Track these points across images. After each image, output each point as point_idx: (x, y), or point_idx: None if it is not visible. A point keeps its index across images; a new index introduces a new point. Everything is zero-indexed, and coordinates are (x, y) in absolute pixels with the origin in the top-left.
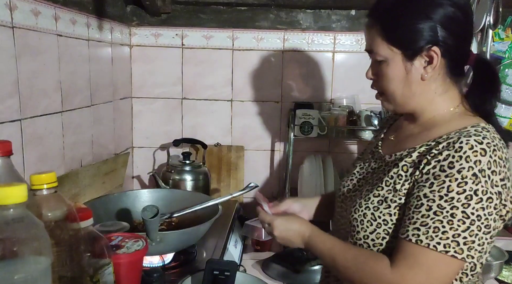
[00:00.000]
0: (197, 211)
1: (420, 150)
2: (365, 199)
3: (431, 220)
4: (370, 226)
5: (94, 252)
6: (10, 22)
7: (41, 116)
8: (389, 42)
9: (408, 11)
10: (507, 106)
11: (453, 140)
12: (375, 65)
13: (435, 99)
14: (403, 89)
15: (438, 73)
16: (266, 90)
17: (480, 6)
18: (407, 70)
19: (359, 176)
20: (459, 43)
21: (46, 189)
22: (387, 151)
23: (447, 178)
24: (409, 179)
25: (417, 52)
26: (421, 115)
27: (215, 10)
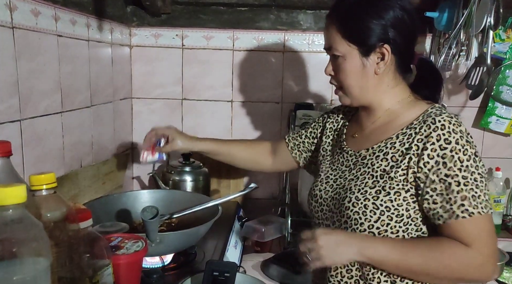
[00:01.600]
0: (197, 212)
1: (400, 139)
2: (360, 192)
3: (466, 191)
4: (374, 215)
5: (94, 253)
6: (10, 23)
7: (41, 116)
8: (347, 39)
9: (364, 12)
10: (507, 108)
11: (430, 122)
12: (333, 61)
13: (388, 92)
14: (359, 83)
15: (389, 68)
16: (266, 91)
17: (481, 7)
18: (363, 64)
19: (334, 177)
20: (407, 42)
21: (45, 189)
22: (358, 147)
23: (453, 152)
24: (401, 166)
25: (372, 49)
26: (378, 108)
27: (215, 10)
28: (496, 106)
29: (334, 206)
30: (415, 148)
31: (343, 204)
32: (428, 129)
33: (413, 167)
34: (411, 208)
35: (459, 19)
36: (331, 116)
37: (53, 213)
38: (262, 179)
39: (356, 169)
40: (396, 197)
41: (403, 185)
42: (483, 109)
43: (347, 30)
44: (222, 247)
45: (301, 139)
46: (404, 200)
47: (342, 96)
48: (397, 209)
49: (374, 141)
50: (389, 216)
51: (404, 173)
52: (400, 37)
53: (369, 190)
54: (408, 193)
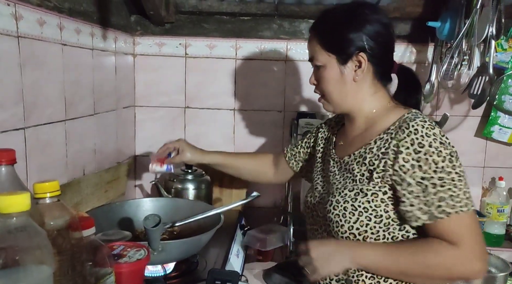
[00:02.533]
0: (199, 220)
1: (377, 144)
2: (340, 195)
3: (442, 192)
4: (353, 216)
5: (96, 261)
6: (15, 32)
7: (45, 124)
8: (326, 49)
9: (341, 24)
10: (510, 117)
11: (404, 126)
12: (316, 71)
13: (367, 99)
14: (339, 90)
15: (367, 76)
16: (268, 100)
17: (482, 17)
18: (341, 72)
19: (322, 184)
20: (383, 51)
21: (49, 197)
22: (342, 154)
23: (427, 155)
24: (377, 169)
25: (349, 57)
26: (358, 115)
27: (218, 20)
28: (499, 115)
29: (320, 211)
30: (391, 152)
31: (325, 208)
32: (402, 134)
33: (389, 170)
34: (390, 209)
35: (461, 29)
36: (323, 126)
37: (57, 221)
38: (265, 187)
39: (339, 175)
40: (373, 198)
41: (380, 187)
42: (486, 119)
43: (326, 41)
44: (224, 256)
45: (297, 150)
46: (382, 201)
47: (324, 104)
48: (375, 209)
49: (356, 147)
50: (368, 216)
51: (379, 176)
52: (376, 46)
53: (348, 193)
54: (386, 195)
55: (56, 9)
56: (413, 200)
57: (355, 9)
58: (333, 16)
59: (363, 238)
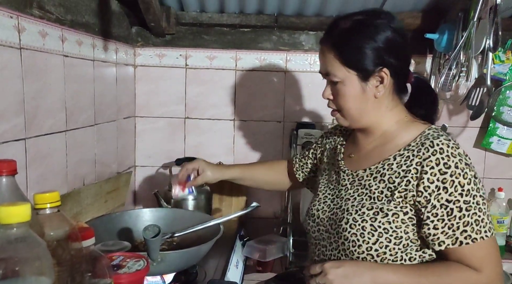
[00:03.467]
0: (199, 231)
1: (397, 161)
2: (358, 213)
3: (468, 217)
4: (372, 237)
5: (95, 272)
6: (18, 43)
7: (46, 135)
8: (345, 65)
9: (360, 38)
10: (509, 128)
11: (428, 144)
12: (332, 86)
13: (386, 114)
14: (359, 106)
15: (388, 91)
16: (268, 110)
17: (480, 29)
18: (362, 89)
19: (330, 197)
20: (403, 64)
21: (49, 208)
22: (354, 167)
23: (453, 177)
24: (399, 188)
25: (370, 74)
26: (376, 129)
27: (218, 31)
28: (497, 126)
29: (331, 226)
30: (413, 171)
31: (340, 225)
32: (426, 153)
33: (412, 190)
34: (410, 230)
35: (458, 41)
36: (329, 136)
37: (56, 231)
38: (264, 198)
39: (353, 189)
40: (394, 219)
41: (402, 207)
42: (484, 130)
43: (345, 57)
44: (224, 267)
45: (305, 161)
46: (403, 222)
47: (340, 119)
48: (396, 231)
49: (371, 162)
50: (388, 238)
51: (402, 195)
52: (396, 60)
53: (366, 211)
54: (407, 216)
55: (58, 21)
56: (437, 223)
57: (373, 21)
58: (352, 29)
59: (380, 259)
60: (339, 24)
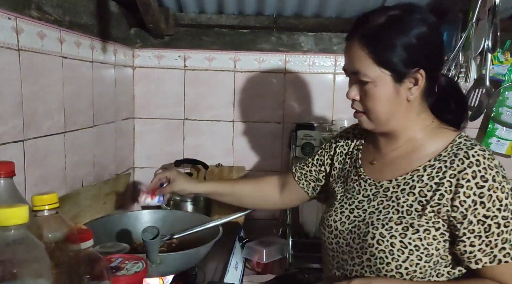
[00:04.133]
0: (198, 233)
1: (427, 172)
2: (385, 228)
3: (506, 233)
4: (402, 254)
5: (94, 274)
6: (16, 45)
7: (44, 137)
8: (379, 64)
9: (397, 36)
10: (508, 129)
11: (463, 156)
12: (360, 86)
13: (415, 119)
14: (389, 109)
15: (419, 94)
16: (267, 111)
17: (479, 30)
18: (396, 91)
19: (349, 207)
20: (438, 65)
21: (47, 210)
22: (377, 176)
23: (490, 191)
24: (431, 202)
25: (406, 75)
26: (402, 135)
27: (217, 32)
28: (496, 127)
29: (353, 240)
30: (447, 184)
31: (365, 240)
32: (461, 165)
33: (447, 204)
34: (441, 246)
35: (457, 42)
36: (340, 140)
37: (55, 233)
38: None
39: (377, 201)
40: (426, 235)
41: (434, 223)
42: (484, 131)
43: (379, 55)
44: (223, 268)
45: (308, 168)
46: (434, 238)
47: (364, 121)
48: (427, 248)
49: (398, 171)
50: (419, 255)
51: (434, 210)
52: (432, 60)
53: (394, 226)
54: (439, 232)
55: (56, 23)
56: (474, 240)
57: (409, 16)
58: (388, 25)
59: (410, 278)
60: (371, 19)
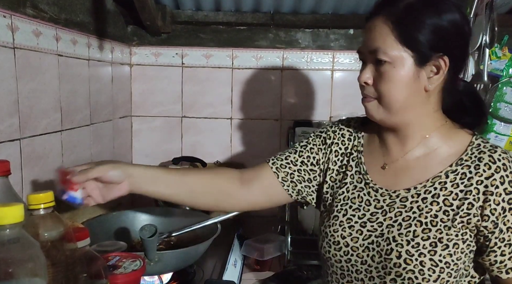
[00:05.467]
0: (196, 230)
1: (451, 178)
2: (410, 244)
3: None
4: (433, 274)
5: (91, 272)
6: (11, 43)
7: (41, 135)
8: (402, 42)
9: (426, 15)
10: (506, 124)
11: (488, 160)
12: (376, 67)
13: (431, 116)
14: (405, 96)
15: (438, 87)
16: (265, 108)
17: (476, 25)
18: (416, 75)
19: (359, 220)
20: (463, 58)
21: (43, 208)
22: (391, 184)
23: None
24: (460, 213)
25: (429, 58)
26: (415, 133)
27: (214, 29)
28: (495, 123)
29: (372, 258)
30: (475, 191)
31: (388, 259)
32: (488, 170)
33: (477, 214)
34: (467, 258)
35: None
36: (334, 136)
37: (51, 232)
38: None
39: (394, 212)
40: (455, 250)
41: (462, 235)
42: None
43: (404, 32)
44: (221, 266)
45: (295, 167)
46: (462, 252)
47: (373, 109)
48: (457, 263)
49: (415, 179)
50: (449, 272)
51: (464, 221)
52: (458, 49)
53: (421, 242)
54: (465, 243)
55: (52, 20)
56: (504, 249)
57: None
58: (420, 4)
59: None
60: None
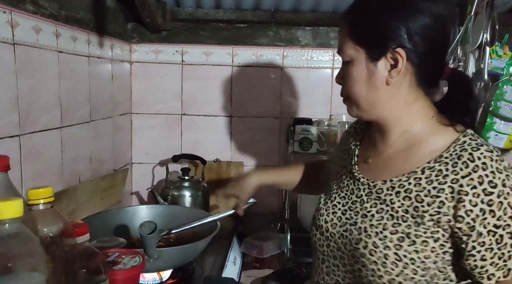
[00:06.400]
0: (196, 227)
1: (426, 175)
2: (378, 236)
3: None
4: (396, 268)
5: (90, 268)
6: (11, 39)
7: (40, 132)
8: (354, 41)
9: (377, 11)
10: (506, 123)
11: (467, 158)
12: (343, 67)
13: (406, 109)
14: (366, 93)
15: (404, 79)
16: (265, 106)
17: (477, 24)
18: (370, 71)
19: (342, 207)
20: (430, 50)
21: (42, 204)
22: (372, 176)
23: (501, 197)
24: (430, 210)
25: (381, 53)
26: (393, 127)
27: (215, 27)
28: (495, 121)
29: (345, 246)
30: (448, 190)
31: (356, 248)
32: (465, 169)
33: (448, 214)
34: (439, 259)
35: (455, 35)
36: (347, 135)
37: (50, 227)
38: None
39: (370, 203)
40: (423, 248)
41: (432, 233)
42: (482, 125)
43: (355, 31)
44: (221, 263)
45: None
46: (433, 250)
47: (348, 108)
48: (424, 261)
49: (393, 172)
50: (414, 269)
51: (433, 219)
52: (421, 42)
53: (389, 236)
54: (437, 243)
55: (52, 17)
56: (485, 254)
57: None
58: (366, 3)
59: None
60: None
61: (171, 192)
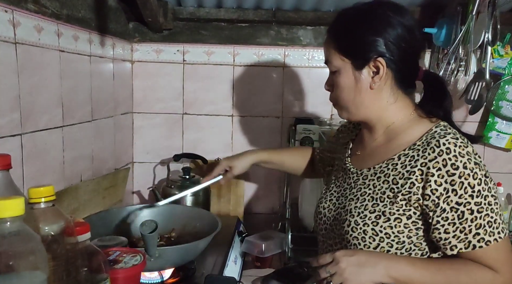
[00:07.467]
0: (197, 227)
1: (401, 161)
2: (360, 216)
3: (480, 219)
4: (373, 242)
5: (91, 266)
6: (13, 38)
7: (42, 131)
8: (340, 52)
9: (358, 26)
10: (508, 123)
11: (434, 144)
12: (330, 76)
13: (388, 108)
14: (354, 98)
15: (385, 83)
16: (266, 106)
17: (479, 23)
18: (356, 79)
19: (336, 195)
20: (404, 57)
21: (43, 202)
22: (360, 165)
23: (462, 178)
24: (402, 191)
25: (365, 63)
26: (378, 125)
27: (216, 26)
28: (496, 121)
29: (336, 226)
30: (418, 172)
31: (342, 227)
32: (432, 153)
33: (417, 193)
34: (413, 234)
35: (457, 35)
36: (344, 130)
37: (51, 226)
38: (262, 193)
39: (356, 188)
40: (397, 224)
41: (404, 211)
42: (483, 124)
43: (341, 44)
44: (222, 262)
45: (328, 154)
46: (406, 226)
47: (339, 112)
48: (398, 236)
49: (376, 160)
50: (389, 242)
51: (405, 198)
52: (397, 51)
53: (368, 214)
54: (410, 220)
55: (54, 16)
56: (448, 227)
57: (375, 9)
58: (350, 17)
59: None
60: (342, 13)
61: (172, 191)
